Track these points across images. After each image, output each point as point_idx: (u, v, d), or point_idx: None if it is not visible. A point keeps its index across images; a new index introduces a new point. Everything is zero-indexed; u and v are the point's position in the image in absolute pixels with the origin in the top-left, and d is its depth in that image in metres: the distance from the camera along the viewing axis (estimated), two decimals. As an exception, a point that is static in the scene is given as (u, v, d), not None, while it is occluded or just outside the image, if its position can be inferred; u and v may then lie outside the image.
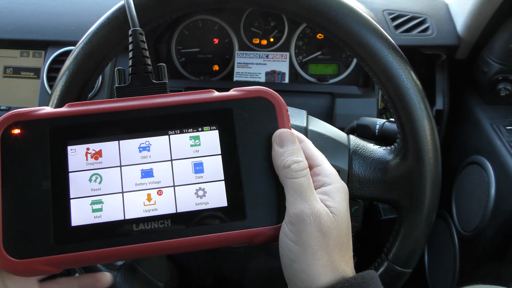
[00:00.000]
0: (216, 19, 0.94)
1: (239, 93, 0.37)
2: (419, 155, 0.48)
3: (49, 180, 0.34)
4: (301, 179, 0.35)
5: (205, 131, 0.36)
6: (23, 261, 0.33)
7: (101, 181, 0.35)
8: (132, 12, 0.42)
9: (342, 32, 0.48)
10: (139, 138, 0.36)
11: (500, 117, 0.86)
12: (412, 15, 0.92)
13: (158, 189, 0.35)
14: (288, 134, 0.36)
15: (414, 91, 0.47)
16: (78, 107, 0.36)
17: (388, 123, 0.63)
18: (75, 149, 0.35)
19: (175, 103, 0.36)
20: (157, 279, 0.62)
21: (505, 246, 0.79)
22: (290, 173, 0.35)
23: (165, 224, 0.34)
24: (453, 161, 0.93)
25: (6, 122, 0.35)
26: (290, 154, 0.35)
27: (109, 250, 0.34)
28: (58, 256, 0.33)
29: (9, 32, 0.88)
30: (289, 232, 0.34)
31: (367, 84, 0.93)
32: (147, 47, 0.41)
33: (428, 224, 0.50)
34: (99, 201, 0.34)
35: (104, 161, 0.35)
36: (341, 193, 0.36)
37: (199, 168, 0.36)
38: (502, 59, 0.82)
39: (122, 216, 0.34)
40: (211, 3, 0.50)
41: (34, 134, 0.35)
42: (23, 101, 0.87)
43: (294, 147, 0.36)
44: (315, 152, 0.39)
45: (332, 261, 0.34)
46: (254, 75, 0.92)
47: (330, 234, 0.34)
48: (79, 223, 0.34)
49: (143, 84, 0.39)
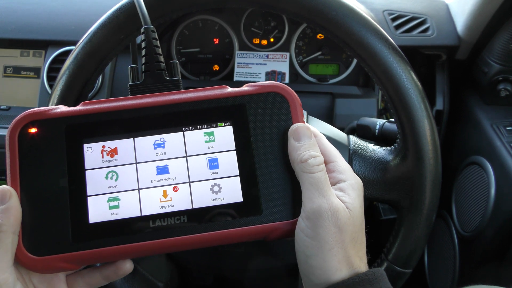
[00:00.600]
0: (217, 19, 0.94)
1: (253, 89, 0.37)
2: (419, 156, 0.48)
3: (66, 178, 0.35)
4: (318, 173, 0.35)
5: (219, 127, 0.37)
6: (43, 258, 0.33)
7: (117, 178, 0.35)
8: (143, 9, 0.42)
9: (343, 32, 0.48)
10: (154, 135, 0.36)
11: (500, 118, 0.86)
12: (412, 16, 0.92)
13: (174, 186, 0.35)
14: (304, 129, 0.36)
15: (414, 91, 0.47)
16: (93, 106, 0.36)
17: (388, 123, 0.63)
18: (91, 147, 0.35)
19: (189, 99, 0.37)
20: (157, 279, 0.62)
21: (505, 246, 0.79)
22: (307, 168, 0.35)
23: (181, 220, 0.35)
24: (453, 162, 0.93)
25: (23, 122, 0.35)
26: (306, 149, 0.35)
27: (126, 247, 0.34)
28: (76, 253, 0.33)
29: (9, 32, 0.88)
30: (305, 228, 0.34)
31: (367, 84, 0.93)
32: (159, 45, 0.41)
33: (428, 224, 0.50)
34: (116, 198, 0.35)
35: (119, 158, 0.35)
36: (356, 189, 0.37)
37: (214, 164, 0.36)
38: (502, 59, 0.82)
39: (138, 213, 0.35)
40: (211, 3, 0.50)
41: (50, 133, 0.35)
42: (23, 101, 0.87)
43: (311, 141, 0.36)
44: (330, 148, 0.38)
45: (347, 257, 0.34)
46: (254, 75, 0.92)
47: (346, 229, 0.34)
48: (97, 220, 0.34)
49: (156, 81, 0.40)
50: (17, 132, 0.35)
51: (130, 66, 0.40)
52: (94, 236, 0.34)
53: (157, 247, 0.34)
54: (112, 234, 0.34)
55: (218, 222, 0.35)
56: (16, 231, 0.33)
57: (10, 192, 0.33)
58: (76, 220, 0.34)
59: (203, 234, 0.35)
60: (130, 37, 0.51)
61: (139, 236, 0.34)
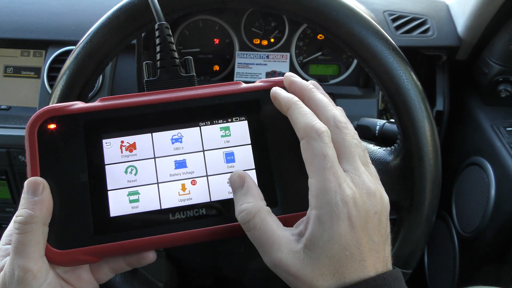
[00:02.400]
0: (217, 19, 0.95)
1: (266, 84, 0.38)
2: (419, 156, 0.48)
3: (87, 173, 0.35)
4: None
5: (234, 122, 0.37)
6: (66, 251, 0.34)
7: (137, 173, 0.36)
8: (157, 6, 0.43)
9: (343, 33, 0.48)
10: (171, 130, 0.37)
11: (500, 118, 0.86)
12: (412, 16, 0.92)
13: (192, 179, 0.36)
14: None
15: (415, 92, 0.47)
16: (111, 101, 0.37)
17: (388, 123, 0.63)
18: (110, 142, 0.36)
19: (205, 95, 0.37)
20: (157, 279, 0.62)
21: (505, 247, 0.79)
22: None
23: (200, 213, 0.35)
24: (453, 162, 0.93)
25: (42, 118, 0.35)
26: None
27: (147, 239, 0.34)
28: (98, 246, 0.34)
29: (9, 32, 0.88)
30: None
31: (368, 85, 0.93)
32: (173, 41, 0.41)
33: (428, 225, 0.50)
34: (136, 192, 0.35)
35: (138, 153, 0.36)
36: (328, 220, 0.36)
37: (231, 158, 0.37)
38: (503, 60, 0.82)
39: (158, 206, 0.35)
40: (212, 3, 0.50)
41: (69, 129, 0.36)
42: (24, 101, 0.87)
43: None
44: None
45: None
46: (254, 75, 0.92)
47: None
48: (118, 213, 0.35)
49: (172, 77, 0.40)
50: (36, 129, 0.35)
51: (145, 62, 0.41)
52: (116, 230, 0.34)
53: (177, 239, 0.35)
54: (133, 227, 0.35)
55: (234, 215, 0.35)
56: (47, 223, 0.34)
57: (43, 184, 0.34)
58: (97, 214, 0.34)
59: (221, 226, 0.35)
60: (131, 37, 0.51)
61: (159, 228, 0.35)
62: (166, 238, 0.35)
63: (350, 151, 0.33)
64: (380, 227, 0.33)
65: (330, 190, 0.31)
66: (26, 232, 0.32)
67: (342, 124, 0.34)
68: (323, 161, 0.32)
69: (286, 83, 0.37)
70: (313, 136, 0.32)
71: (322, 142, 0.32)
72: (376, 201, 0.33)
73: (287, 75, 0.38)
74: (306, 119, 0.33)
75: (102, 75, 0.84)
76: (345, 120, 0.34)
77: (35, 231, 0.33)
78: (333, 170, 0.32)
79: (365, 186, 0.32)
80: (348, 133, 0.34)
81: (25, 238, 0.32)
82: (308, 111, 0.34)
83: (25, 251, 0.32)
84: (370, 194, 0.32)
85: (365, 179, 0.33)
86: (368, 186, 0.33)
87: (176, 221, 0.35)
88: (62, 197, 0.34)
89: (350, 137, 0.34)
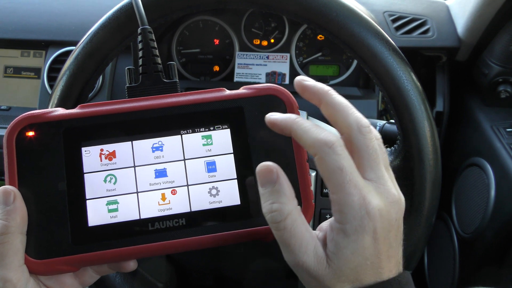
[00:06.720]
0: (217, 20, 0.95)
1: (250, 91, 0.37)
2: (419, 157, 0.48)
3: (65, 181, 0.34)
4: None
5: (216, 130, 0.36)
6: (43, 261, 0.33)
7: (116, 182, 0.35)
8: (141, 10, 0.42)
9: (343, 33, 0.48)
10: (152, 138, 0.36)
11: (500, 119, 0.86)
12: (412, 17, 0.92)
13: (172, 189, 0.35)
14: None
15: (415, 92, 0.47)
16: (91, 108, 0.36)
17: (388, 124, 0.63)
18: (89, 150, 0.35)
19: (187, 102, 0.36)
20: (156, 279, 0.62)
21: (504, 248, 0.79)
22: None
23: (180, 223, 0.35)
24: (453, 163, 0.93)
25: (20, 125, 0.35)
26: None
27: (125, 249, 0.34)
28: (76, 256, 0.34)
29: (10, 32, 0.89)
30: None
31: (368, 85, 0.93)
32: (156, 46, 0.41)
33: (428, 225, 0.50)
34: (115, 201, 0.35)
35: (118, 161, 0.35)
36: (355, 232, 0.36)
37: (212, 167, 0.36)
38: (503, 61, 0.82)
39: (137, 216, 0.35)
40: (212, 4, 0.50)
41: (48, 136, 0.35)
42: (24, 101, 0.88)
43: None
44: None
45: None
46: (254, 76, 0.92)
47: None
48: (96, 223, 0.34)
49: (154, 84, 0.39)
50: (14, 136, 0.34)
51: (127, 68, 0.40)
52: (94, 239, 0.34)
53: (156, 250, 0.34)
54: (111, 237, 0.34)
55: (215, 225, 0.35)
56: (23, 231, 0.33)
57: (14, 192, 0.33)
58: (75, 223, 0.34)
59: (201, 236, 0.35)
60: (131, 38, 0.51)
61: (138, 239, 0.34)
62: (144, 248, 0.34)
63: (375, 159, 0.32)
64: (398, 232, 0.33)
65: (354, 204, 0.30)
66: (3, 242, 0.32)
67: (365, 129, 0.32)
68: (341, 175, 0.30)
69: (298, 89, 0.35)
70: (325, 150, 0.30)
71: (335, 155, 0.30)
72: (398, 207, 0.32)
73: (298, 79, 0.34)
74: (311, 135, 0.31)
75: (102, 76, 0.84)
76: (368, 124, 0.32)
77: (11, 241, 0.32)
78: (353, 183, 0.30)
79: (390, 194, 0.32)
80: (372, 139, 0.32)
81: (3, 249, 0.32)
82: (310, 125, 0.31)
83: (3, 261, 0.32)
84: (394, 202, 0.32)
85: (390, 186, 0.32)
86: (393, 194, 0.32)
87: (155, 231, 0.34)
88: (40, 206, 0.34)
89: (375, 143, 0.32)
